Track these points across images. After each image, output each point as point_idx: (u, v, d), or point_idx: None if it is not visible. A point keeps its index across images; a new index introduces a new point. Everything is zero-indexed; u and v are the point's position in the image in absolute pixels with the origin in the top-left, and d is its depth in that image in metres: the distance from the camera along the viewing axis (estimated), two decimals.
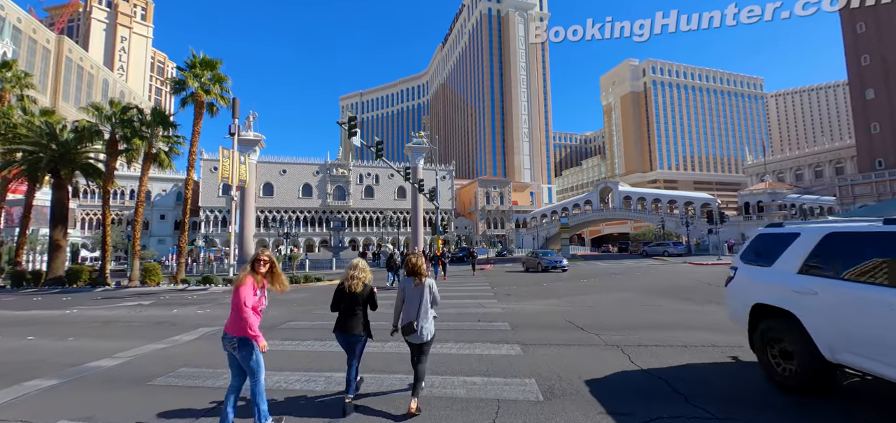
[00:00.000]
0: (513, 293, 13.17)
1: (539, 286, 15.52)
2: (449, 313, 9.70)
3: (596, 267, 27.10)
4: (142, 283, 20.57)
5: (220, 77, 22.29)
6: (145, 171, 22.21)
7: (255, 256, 3.84)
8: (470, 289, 15.48)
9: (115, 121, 21.78)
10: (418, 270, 4.42)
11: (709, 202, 76.86)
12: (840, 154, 72.60)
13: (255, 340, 3.60)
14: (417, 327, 4.24)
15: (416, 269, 4.42)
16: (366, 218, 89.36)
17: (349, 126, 16.46)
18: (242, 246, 48.46)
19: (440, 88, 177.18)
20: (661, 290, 13.35)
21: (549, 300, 11.59)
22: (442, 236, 34.49)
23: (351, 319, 4.38)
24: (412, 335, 4.26)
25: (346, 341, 4.40)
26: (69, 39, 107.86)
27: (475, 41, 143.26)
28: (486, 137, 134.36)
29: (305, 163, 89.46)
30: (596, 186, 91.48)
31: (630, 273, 20.83)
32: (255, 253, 3.84)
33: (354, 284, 4.39)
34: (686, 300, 10.91)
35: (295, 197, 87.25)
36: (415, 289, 4.37)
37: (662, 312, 9.33)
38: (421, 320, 4.27)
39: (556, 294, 12.75)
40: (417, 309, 4.29)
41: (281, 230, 49.94)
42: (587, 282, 16.45)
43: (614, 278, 17.72)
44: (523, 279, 19.72)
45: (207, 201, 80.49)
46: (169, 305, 13.47)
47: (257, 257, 3.81)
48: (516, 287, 15.42)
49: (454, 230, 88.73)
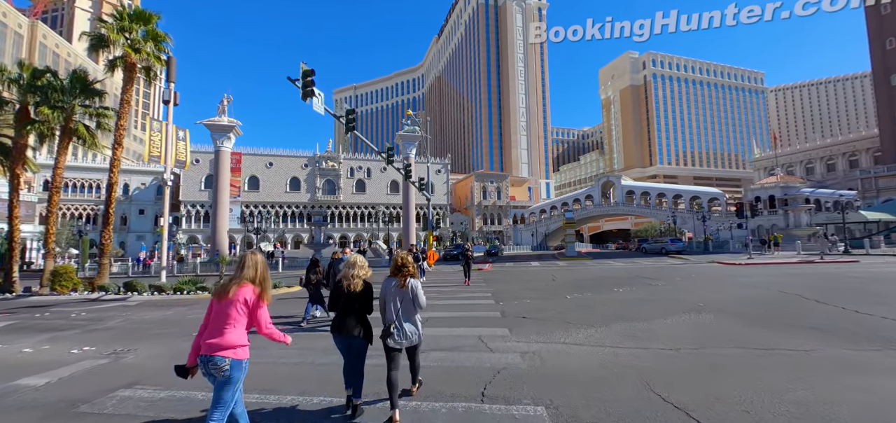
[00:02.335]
0: (529, 314, 8.99)
1: (562, 299, 11.37)
2: (431, 361, 5.57)
3: (612, 268, 23.07)
4: (52, 289, 16.26)
5: (157, 34, 17.90)
6: (63, 150, 17.81)
7: None
8: (464, 302, 11.35)
9: (23, 86, 17.41)
10: (404, 269, 4.19)
11: (717, 196, 73.19)
12: (854, 146, 69.14)
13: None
14: (394, 331, 4.01)
15: (402, 267, 4.20)
16: (357, 213, 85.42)
17: (303, 82, 12.24)
18: (216, 242, 44.11)
19: (436, 81, 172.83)
20: (747, 311, 9.21)
21: (592, 330, 7.38)
22: (435, 232, 30.38)
23: (349, 319, 4.05)
24: (390, 339, 4.00)
25: (345, 344, 4.09)
26: (44, 25, 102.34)
27: (471, 32, 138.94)
28: (483, 131, 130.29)
29: (293, 155, 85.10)
30: (597, 181, 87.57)
31: (666, 278, 16.69)
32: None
33: (355, 282, 4.10)
34: (839, 339, 6.70)
35: (282, 191, 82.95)
36: (397, 290, 4.15)
37: (819, 368, 5.22)
38: (402, 323, 4.05)
39: (596, 317, 8.53)
40: (398, 312, 4.08)
41: (250, 225, 45.41)
42: (626, 294, 12.06)
43: (655, 287, 13.50)
44: (536, 282, 15.69)
45: (189, 195, 76.02)
46: (29, 330, 9.17)
47: None
48: (531, 300, 11.28)
49: (449, 226, 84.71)
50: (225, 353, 2.87)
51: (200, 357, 2.92)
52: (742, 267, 21.67)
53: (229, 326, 2.93)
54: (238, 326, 2.96)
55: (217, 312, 2.99)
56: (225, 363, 2.85)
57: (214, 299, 3.05)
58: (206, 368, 2.89)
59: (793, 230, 38.07)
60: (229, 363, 2.87)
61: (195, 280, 14.91)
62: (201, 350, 2.93)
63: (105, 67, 18.00)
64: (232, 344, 2.90)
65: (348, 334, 4.01)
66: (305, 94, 12.32)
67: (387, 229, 52.03)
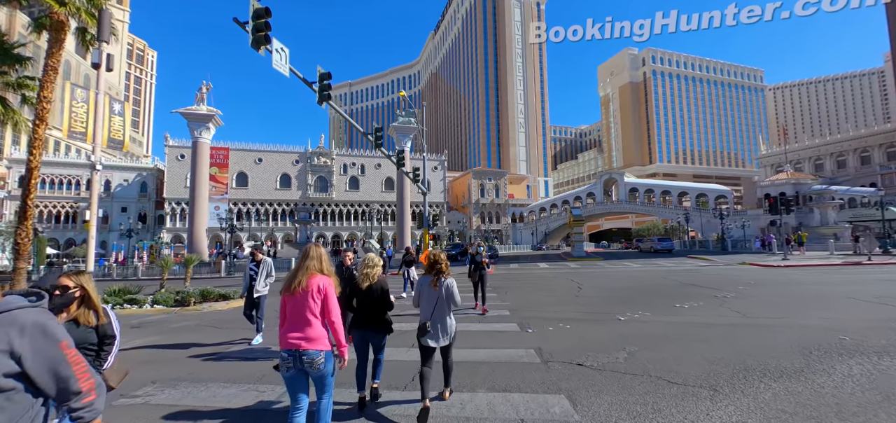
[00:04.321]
0: (582, 354, 5.55)
1: (612, 322, 8.05)
2: None
3: (635, 270, 19.95)
4: None
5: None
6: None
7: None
8: (476, 328, 8.15)
9: None
10: (438, 267, 4.25)
11: (724, 194, 70.51)
12: (866, 142, 66.68)
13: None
14: (430, 329, 4.07)
15: (436, 265, 4.26)
16: (350, 211, 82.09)
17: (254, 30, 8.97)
18: (193, 242, 40.67)
19: (432, 78, 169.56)
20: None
21: (724, 404, 4.13)
22: (432, 231, 27.20)
23: (368, 315, 4.25)
24: (425, 337, 4.07)
25: (364, 340, 4.31)
26: (22, 15, 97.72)
27: (468, 27, 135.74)
28: (480, 128, 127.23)
29: (284, 151, 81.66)
30: (599, 178, 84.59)
31: (724, 286, 13.56)
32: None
33: (371, 279, 4.28)
34: None
35: (272, 188, 79.49)
36: (431, 289, 4.19)
37: None
38: (436, 322, 4.11)
39: (697, 361, 4.96)
40: (432, 311, 4.12)
41: (224, 223, 41.95)
42: (700, 314, 8.41)
43: (729, 302, 10.11)
44: (558, 291, 12.46)
45: (173, 192, 72.39)
46: None
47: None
48: (569, 323, 7.87)
49: (446, 225, 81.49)
50: (317, 346, 2.93)
51: (289, 352, 2.92)
52: (791, 270, 18.63)
53: (313, 317, 2.97)
54: (319, 316, 3.00)
55: (293, 306, 3.01)
56: (320, 357, 2.91)
57: (286, 295, 3.05)
58: (299, 362, 2.91)
59: (818, 228, 35.20)
60: (323, 355, 2.93)
61: (124, 291, 11.62)
62: (287, 345, 2.93)
63: (29, 27, 14.66)
64: (320, 335, 2.96)
65: (368, 329, 4.23)
66: (257, 41, 9.03)
67: (381, 227, 48.75)
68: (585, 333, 7.23)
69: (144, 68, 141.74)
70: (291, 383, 2.98)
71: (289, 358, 2.90)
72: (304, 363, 2.87)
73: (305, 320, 2.93)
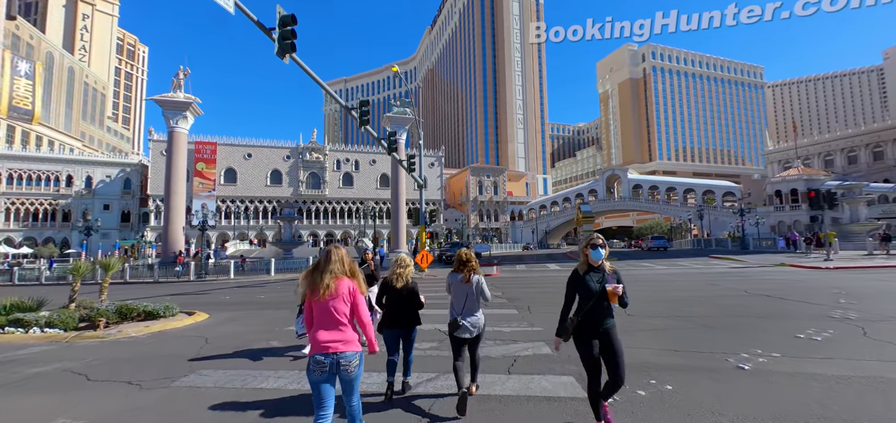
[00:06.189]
0: None
1: (734, 380, 4.41)
2: None
3: (667, 275, 17.06)
4: None
5: None
6: None
7: None
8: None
9: None
10: (468, 264, 4.25)
11: (732, 190, 68.03)
12: (879, 137, 64.41)
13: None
14: (462, 323, 4.13)
15: (466, 263, 4.26)
16: (344, 209, 79.19)
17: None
18: (168, 241, 37.37)
19: (428, 74, 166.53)
20: None
21: None
22: (428, 228, 24.33)
23: (400, 313, 4.42)
24: (458, 331, 4.13)
25: (396, 335, 4.44)
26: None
27: (466, 21, 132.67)
28: (478, 125, 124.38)
29: (274, 146, 78.54)
30: (602, 174, 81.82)
31: (803, 297, 10.56)
32: None
33: (404, 279, 4.45)
34: None
35: (262, 185, 76.40)
36: (462, 285, 4.23)
37: None
38: (466, 317, 4.15)
39: None
40: (462, 305, 4.18)
41: (193, 223, 38.64)
42: (840, 351, 5.33)
43: (869, 335, 6.94)
44: None
45: (158, 188, 68.70)
46: None
47: None
48: (698, 405, 3.86)
49: (443, 223, 78.56)
50: (353, 348, 2.94)
51: (326, 356, 2.89)
52: (848, 273, 15.82)
53: (344, 320, 2.96)
54: (349, 318, 3.01)
55: (321, 309, 2.97)
56: (355, 359, 2.92)
57: (313, 299, 3.01)
58: (335, 367, 2.90)
59: (848, 226, 32.65)
60: (358, 357, 2.94)
61: (16, 305, 8.58)
62: (323, 349, 2.91)
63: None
64: (354, 337, 2.98)
65: (399, 326, 4.43)
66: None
67: (375, 225, 45.74)
68: (722, 407, 3.85)
69: (135, 64, 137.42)
70: (320, 386, 2.89)
71: (324, 361, 2.87)
72: (341, 366, 2.89)
73: (338, 322, 2.93)
